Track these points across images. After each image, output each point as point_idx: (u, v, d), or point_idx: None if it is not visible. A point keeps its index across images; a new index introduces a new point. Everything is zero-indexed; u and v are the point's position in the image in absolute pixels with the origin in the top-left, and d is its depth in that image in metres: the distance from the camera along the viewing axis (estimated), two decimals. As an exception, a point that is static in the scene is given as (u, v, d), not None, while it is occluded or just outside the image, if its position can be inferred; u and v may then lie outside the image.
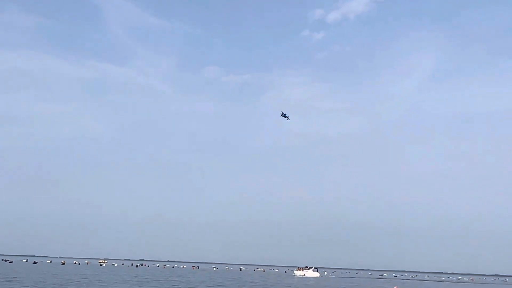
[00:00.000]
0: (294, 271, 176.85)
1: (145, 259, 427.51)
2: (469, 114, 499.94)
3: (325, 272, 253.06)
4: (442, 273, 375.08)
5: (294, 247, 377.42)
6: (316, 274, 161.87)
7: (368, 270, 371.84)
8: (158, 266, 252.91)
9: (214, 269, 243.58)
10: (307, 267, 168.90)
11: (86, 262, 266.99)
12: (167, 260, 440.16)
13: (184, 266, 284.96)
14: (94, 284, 64.93)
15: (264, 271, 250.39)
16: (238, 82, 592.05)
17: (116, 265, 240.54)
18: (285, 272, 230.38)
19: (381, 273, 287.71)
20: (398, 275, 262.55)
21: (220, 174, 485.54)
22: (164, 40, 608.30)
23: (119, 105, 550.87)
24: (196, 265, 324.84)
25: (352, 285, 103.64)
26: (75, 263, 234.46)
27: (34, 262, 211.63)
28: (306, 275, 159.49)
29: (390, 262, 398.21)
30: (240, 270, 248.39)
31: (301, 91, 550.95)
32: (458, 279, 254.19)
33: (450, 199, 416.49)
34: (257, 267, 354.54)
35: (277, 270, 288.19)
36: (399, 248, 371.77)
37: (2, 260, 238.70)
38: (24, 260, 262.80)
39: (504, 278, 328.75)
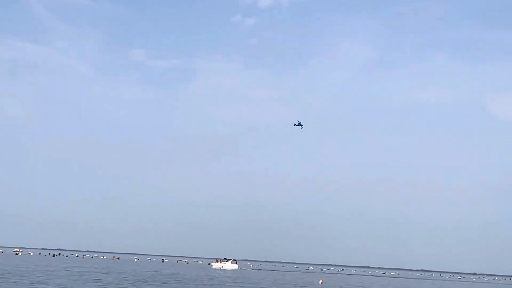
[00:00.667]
0: (212, 263, 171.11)
1: (63, 248, 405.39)
2: (401, 105, 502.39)
3: (251, 265, 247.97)
4: (369, 267, 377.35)
5: (222, 239, 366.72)
6: (235, 266, 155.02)
7: (295, 263, 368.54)
8: (77, 256, 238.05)
9: (135, 260, 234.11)
10: (225, 258, 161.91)
11: (0, 250, 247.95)
12: (86, 250, 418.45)
13: (105, 257, 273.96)
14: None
15: (187, 262, 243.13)
16: (165, 66, 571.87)
17: (32, 254, 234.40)
18: (208, 264, 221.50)
19: (307, 266, 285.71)
20: (325, 269, 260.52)
21: (145, 160, 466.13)
22: (88, 20, 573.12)
23: (39, 87, 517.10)
24: (117, 255, 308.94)
25: (267, 277, 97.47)
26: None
27: None
28: (224, 267, 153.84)
29: (318, 256, 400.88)
30: (163, 261, 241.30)
31: (231, 78, 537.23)
32: (384, 273, 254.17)
33: (381, 192, 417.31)
34: (180, 258, 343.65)
35: (201, 262, 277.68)
36: (327, 242, 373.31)
37: None
38: None
39: (430, 273, 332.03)
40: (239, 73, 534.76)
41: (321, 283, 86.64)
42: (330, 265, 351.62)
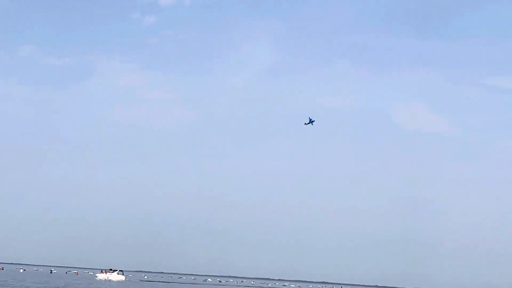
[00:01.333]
0: (97, 274, 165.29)
1: None
2: (304, 111, 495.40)
3: (145, 276, 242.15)
4: (269, 279, 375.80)
5: (114, 249, 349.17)
6: (121, 278, 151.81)
7: (193, 275, 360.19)
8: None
9: (21, 270, 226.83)
10: (111, 269, 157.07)
11: None
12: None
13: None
14: None
15: (77, 273, 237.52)
16: (59, 65, 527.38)
17: None
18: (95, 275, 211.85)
19: (205, 278, 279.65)
20: (223, 281, 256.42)
21: (37, 164, 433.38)
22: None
23: None
24: (0, 265, 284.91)
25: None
26: None
27: None
28: (110, 278, 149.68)
29: (217, 267, 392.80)
30: (51, 272, 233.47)
31: (130, 79, 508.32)
32: (284, 285, 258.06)
33: (285, 200, 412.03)
34: (70, 269, 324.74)
35: (92, 272, 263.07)
36: (228, 253, 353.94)
37: None
38: None
39: (331, 285, 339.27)
40: (137, 73, 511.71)
41: None
42: (229, 276, 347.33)
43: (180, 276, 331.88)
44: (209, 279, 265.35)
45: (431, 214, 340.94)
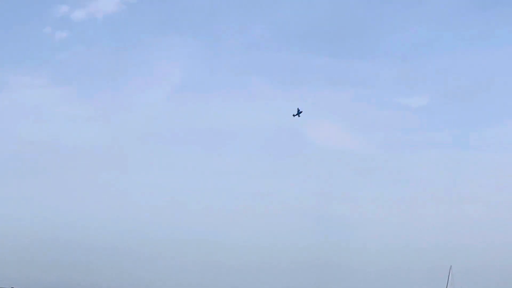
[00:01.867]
0: None
1: None
2: (217, 128, 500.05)
3: None
4: None
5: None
6: None
7: None
8: None
9: None
10: None
11: None
12: None
13: None
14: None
15: None
16: None
17: None
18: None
19: None
20: None
21: None
22: None
23: None
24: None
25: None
26: None
27: None
28: None
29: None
30: None
31: (38, 94, 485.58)
32: None
33: (195, 219, 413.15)
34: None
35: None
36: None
37: None
38: None
39: None
40: (46, 89, 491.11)
41: None
42: None
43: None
44: None
45: (343, 229, 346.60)
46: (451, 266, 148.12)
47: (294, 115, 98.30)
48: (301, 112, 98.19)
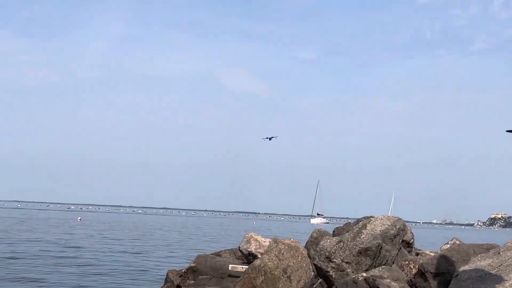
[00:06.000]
0: None
1: None
2: (152, 74, 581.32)
3: (19, 205, 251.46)
4: (121, 206, 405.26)
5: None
6: None
7: (59, 203, 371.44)
8: None
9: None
10: None
11: None
12: None
13: None
14: None
15: None
16: None
17: None
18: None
19: (68, 206, 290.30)
20: (84, 208, 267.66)
21: None
22: None
23: None
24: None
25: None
26: None
27: None
28: None
29: (78, 196, 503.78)
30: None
31: (2, 44, 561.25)
32: (134, 210, 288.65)
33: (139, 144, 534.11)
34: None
35: None
36: (88, 183, 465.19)
37: None
38: None
39: (171, 210, 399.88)
40: (10, 40, 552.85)
41: (80, 219, 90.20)
42: (89, 204, 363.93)
43: (48, 204, 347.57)
44: (72, 206, 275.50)
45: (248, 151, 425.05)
46: (318, 181, 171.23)
47: (267, 138, 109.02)
48: (271, 138, 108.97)
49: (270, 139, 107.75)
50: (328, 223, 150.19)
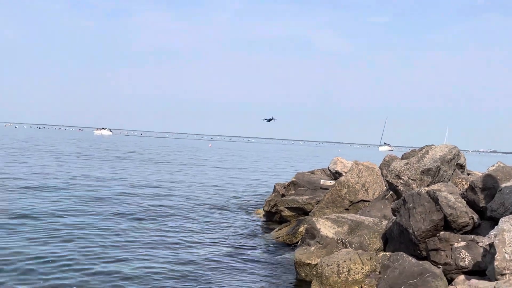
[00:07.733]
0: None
1: None
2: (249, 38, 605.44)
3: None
4: (240, 136, 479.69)
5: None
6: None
7: (195, 134, 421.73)
8: None
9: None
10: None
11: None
12: None
13: None
14: None
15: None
16: None
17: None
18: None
19: (202, 135, 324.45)
20: (213, 137, 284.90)
21: None
22: None
23: None
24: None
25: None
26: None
27: None
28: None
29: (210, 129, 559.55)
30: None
31: None
32: (249, 140, 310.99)
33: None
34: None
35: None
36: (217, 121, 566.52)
37: None
38: None
39: (281, 140, 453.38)
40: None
41: (210, 146, 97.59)
42: (217, 135, 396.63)
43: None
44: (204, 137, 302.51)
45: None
46: (387, 117, 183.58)
47: (266, 120, 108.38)
48: (270, 119, 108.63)
49: (268, 121, 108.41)
50: (392, 150, 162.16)
